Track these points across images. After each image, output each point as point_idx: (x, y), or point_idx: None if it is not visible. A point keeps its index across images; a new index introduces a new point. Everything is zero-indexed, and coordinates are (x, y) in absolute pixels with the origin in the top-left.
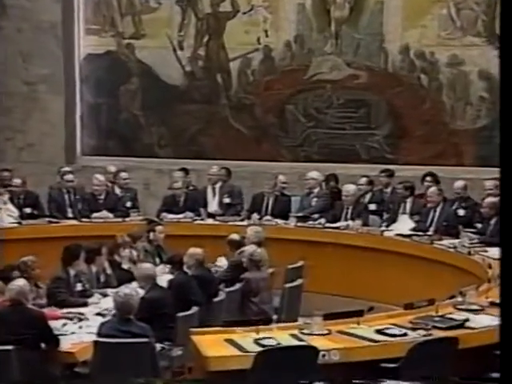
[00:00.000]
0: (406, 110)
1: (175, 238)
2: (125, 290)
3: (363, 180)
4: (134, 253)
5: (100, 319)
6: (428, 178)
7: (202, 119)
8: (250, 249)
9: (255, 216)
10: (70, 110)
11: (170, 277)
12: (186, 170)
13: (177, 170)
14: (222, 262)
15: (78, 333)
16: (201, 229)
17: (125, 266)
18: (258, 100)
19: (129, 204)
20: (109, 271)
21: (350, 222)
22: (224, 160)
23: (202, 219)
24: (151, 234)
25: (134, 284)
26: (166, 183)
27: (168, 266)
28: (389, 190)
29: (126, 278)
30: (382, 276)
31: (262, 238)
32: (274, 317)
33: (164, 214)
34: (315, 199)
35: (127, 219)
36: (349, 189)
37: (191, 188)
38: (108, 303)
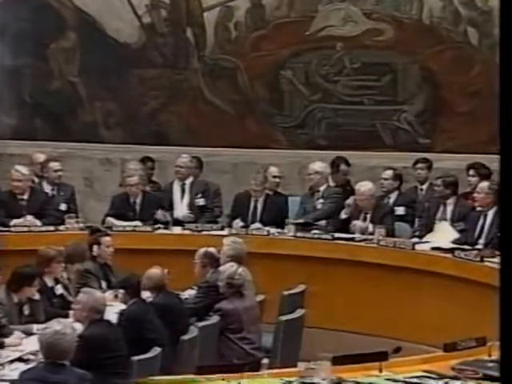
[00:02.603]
0: (446, 76)
1: (129, 253)
2: (56, 326)
3: (387, 174)
4: (65, 275)
5: (21, 366)
6: (471, 172)
7: (165, 90)
8: (228, 268)
9: (238, 223)
10: None
11: (123, 307)
12: (148, 161)
13: (135, 160)
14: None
15: None
16: (165, 241)
17: (57, 291)
18: (242, 64)
19: (63, 207)
20: (36, 297)
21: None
22: (195, 146)
23: (166, 227)
24: (95, 249)
25: (71, 318)
26: (115, 178)
27: (121, 291)
28: (424, 187)
29: (60, 309)
30: (414, 305)
31: (243, 252)
32: (265, 360)
33: (113, 221)
34: (321, 200)
35: (61, 228)
36: (364, 188)
37: (152, 185)
38: (33, 344)
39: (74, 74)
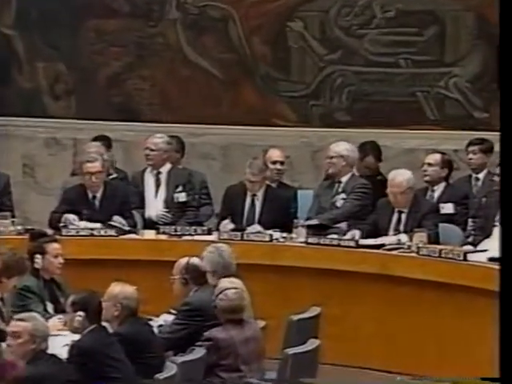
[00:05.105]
0: None
1: (85, 265)
2: None
3: (433, 158)
4: None
5: None
6: None
7: (132, 47)
8: (223, 284)
9: (228, 224)
10: None
11: (75, 337)
12: (106, 141)
13: (90, 141)
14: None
15: None
16: (133, 249)
17: None
18: (236, 13)
19: None
20: None
21: (402, 237)
22: (173, 123)
23: (134, 231)
24: (38, 259)
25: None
26: (65, 164)
27: (79, 314)
28: (481, 176)
29: None
30: (466, 333)
31: (228, 264)
32: None
33: (70, 218)
34: (343, 195)
35: None
36: (400, 178)
37: (115, 175)
38: None
39: (8, 24)
